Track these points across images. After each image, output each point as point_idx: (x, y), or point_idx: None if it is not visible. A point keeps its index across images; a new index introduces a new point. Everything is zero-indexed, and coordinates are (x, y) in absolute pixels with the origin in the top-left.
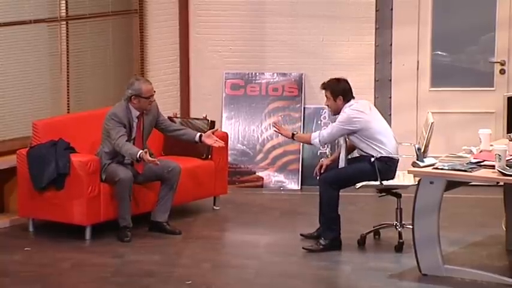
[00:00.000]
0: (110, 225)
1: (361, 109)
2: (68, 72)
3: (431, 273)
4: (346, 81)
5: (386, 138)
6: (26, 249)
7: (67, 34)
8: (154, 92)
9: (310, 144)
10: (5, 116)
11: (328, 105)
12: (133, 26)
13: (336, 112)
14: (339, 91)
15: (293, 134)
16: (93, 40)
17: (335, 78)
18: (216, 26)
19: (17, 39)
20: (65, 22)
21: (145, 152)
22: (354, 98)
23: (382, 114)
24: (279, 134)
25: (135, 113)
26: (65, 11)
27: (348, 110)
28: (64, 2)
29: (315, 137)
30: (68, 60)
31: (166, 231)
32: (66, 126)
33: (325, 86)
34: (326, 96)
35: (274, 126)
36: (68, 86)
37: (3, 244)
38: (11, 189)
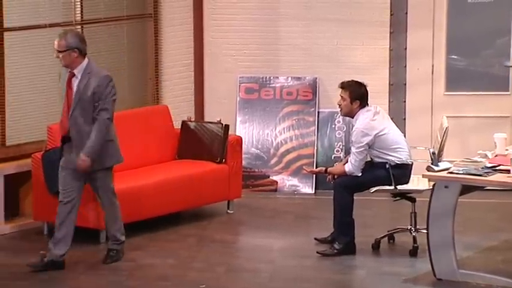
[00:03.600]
0: (124, 229)
1: (369, 120)
2: None
3: (446, 277)
4: (366, 87)
5: (400, 145)
6: (41, 252)
7: None
8: (60, 52)
9: (347, 175)
10: (20, 119)
11: (340, 105)
12: (148, 30)
13: (347, 114)
14: (359, 95)
15: (326, 168)
16: (108, 44)
17: (357, 81)
18: (230, 30)
19: (33, 43)
20: (80, 26)
21: None
22: (368, 105)
23: (396, 119)
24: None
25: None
26: (80, 15)
27: (358, 126)
28: (79, 6)
29: (350, 170)
30: None
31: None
32: None
33: (344, 86)
34: (342, 96)
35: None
36: None
37: (19, 248)
38: (26, 193)
